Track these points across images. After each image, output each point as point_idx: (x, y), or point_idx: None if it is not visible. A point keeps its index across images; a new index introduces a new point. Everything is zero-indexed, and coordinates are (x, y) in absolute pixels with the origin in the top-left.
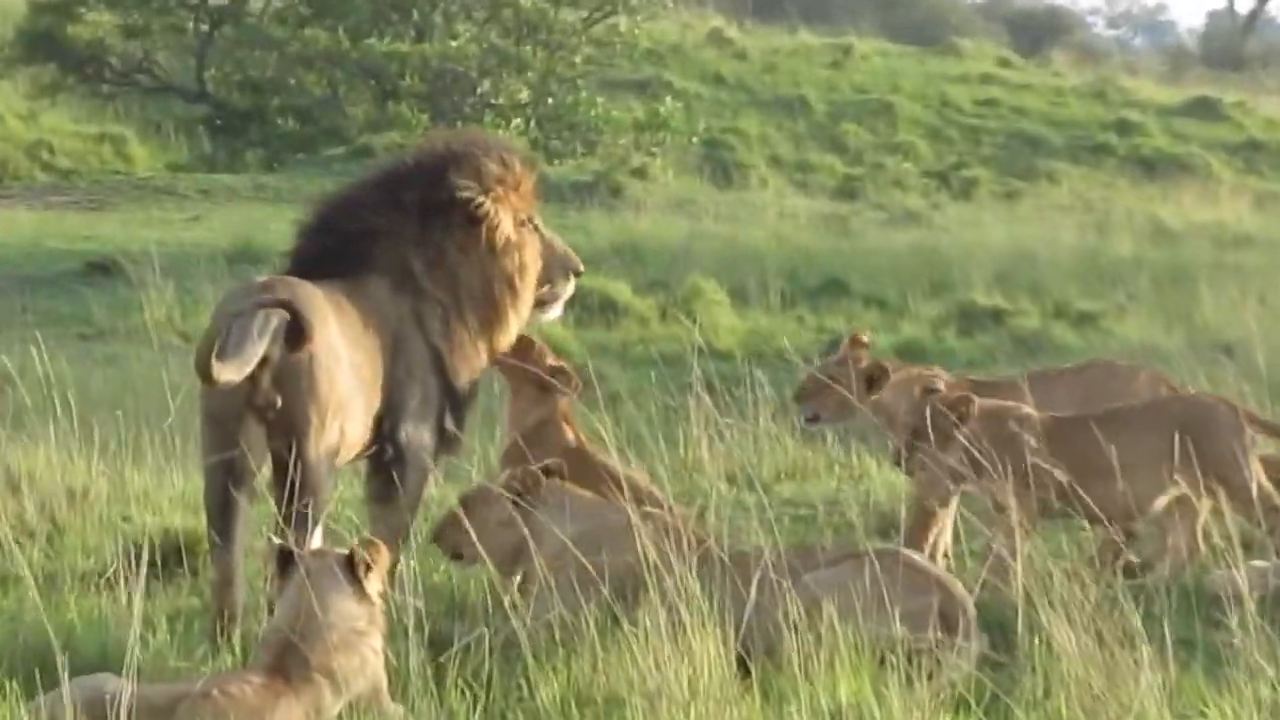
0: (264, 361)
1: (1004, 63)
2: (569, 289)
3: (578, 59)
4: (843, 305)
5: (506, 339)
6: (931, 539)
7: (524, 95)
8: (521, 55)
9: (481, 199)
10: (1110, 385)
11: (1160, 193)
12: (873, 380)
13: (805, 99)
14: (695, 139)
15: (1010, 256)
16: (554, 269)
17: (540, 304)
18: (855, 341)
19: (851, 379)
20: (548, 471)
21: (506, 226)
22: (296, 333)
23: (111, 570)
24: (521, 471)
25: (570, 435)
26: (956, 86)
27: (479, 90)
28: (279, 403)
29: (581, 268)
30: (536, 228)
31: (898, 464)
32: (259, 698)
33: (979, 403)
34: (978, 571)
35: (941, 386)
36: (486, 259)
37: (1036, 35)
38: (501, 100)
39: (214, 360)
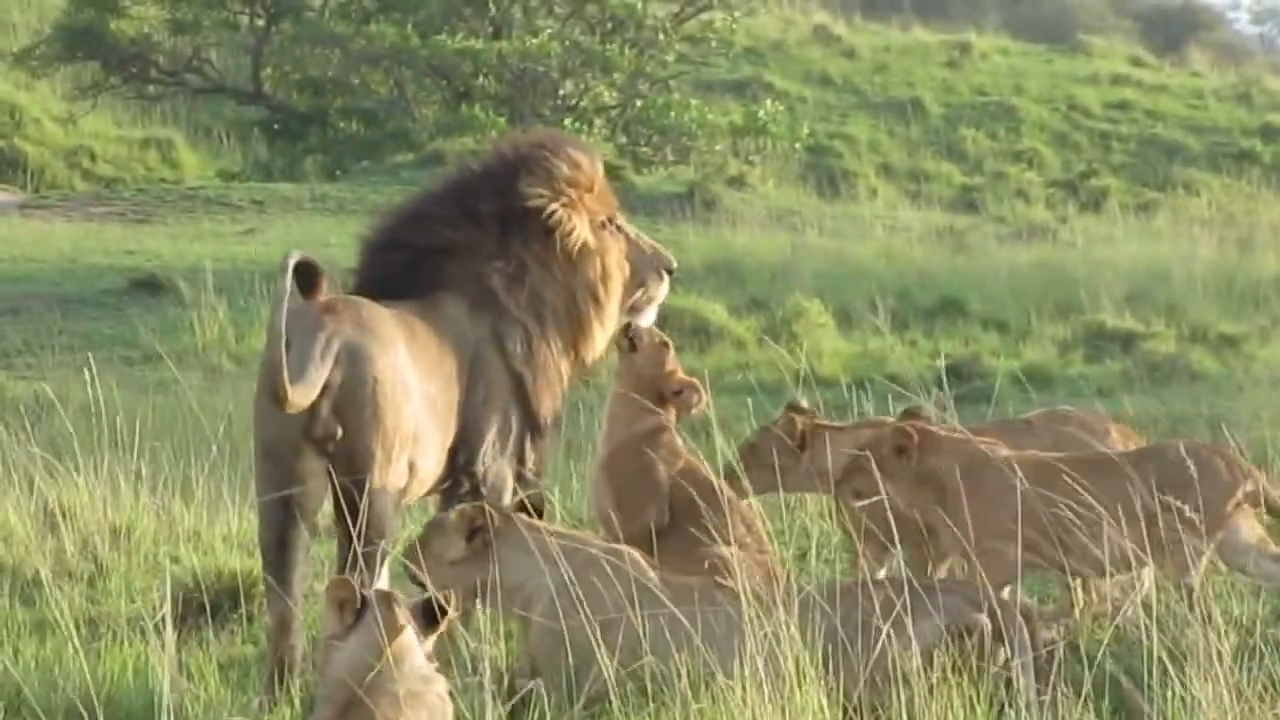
0: (324, 388)
1: (1137, 62)
2: (663, 289)
3: (669, 58)
4: (959, 328)
5: (592, 354)
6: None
7: (610, 97)
8: (608, 54)
9: (554, 206)
10: (1081, 437)
11: None
12: (804, 443)
13: (919, 101)
14: (798, 145)
15: (1143, 274)
16: (644, 269)
17: (633, 310)
18: (792, 408)
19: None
20: (523, 506)
21: (583, 232)
22: (357, 352)
23: (159, 615)
24: (472, 507)
25: (684, 452)
26: (1085, 88)
27: (561, 92)
28: (339, 434)
29: (674, 264)
30: (619, 228)
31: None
32: None
33: (948, 436)
34: (1107, 621)
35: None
36: (567, 270)
37: (1172, 32)
38: (585, 103)
39: (286, 380)
